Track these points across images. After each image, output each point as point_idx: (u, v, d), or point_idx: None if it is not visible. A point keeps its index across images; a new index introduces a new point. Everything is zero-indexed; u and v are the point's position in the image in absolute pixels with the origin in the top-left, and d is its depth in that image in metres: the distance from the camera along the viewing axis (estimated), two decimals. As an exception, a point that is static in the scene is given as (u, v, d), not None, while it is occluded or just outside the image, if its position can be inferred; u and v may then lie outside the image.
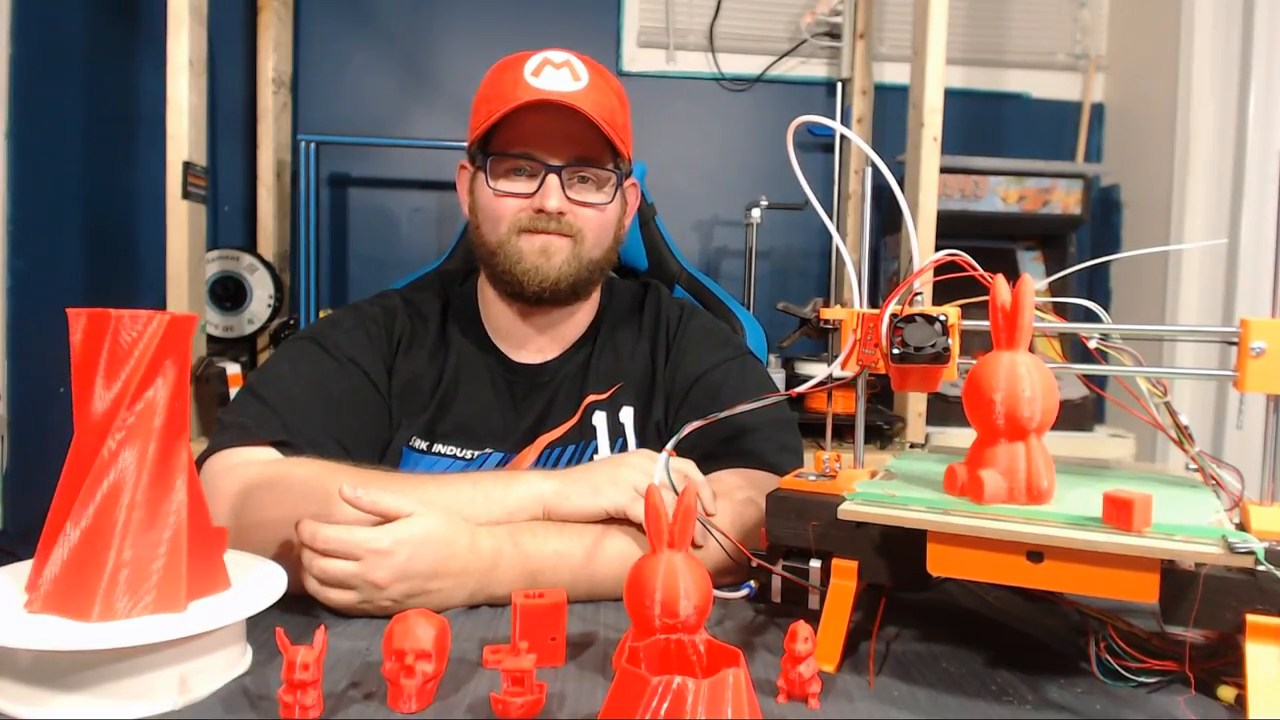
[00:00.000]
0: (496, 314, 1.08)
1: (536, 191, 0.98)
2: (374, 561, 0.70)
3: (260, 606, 0.61)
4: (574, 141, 0.98)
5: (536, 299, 1.01)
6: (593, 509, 0.79)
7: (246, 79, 2.32)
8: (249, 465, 0.84)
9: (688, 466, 0.85)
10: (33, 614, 0.56)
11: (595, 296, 1.11)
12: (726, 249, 2.53)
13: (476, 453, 1.01)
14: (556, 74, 0.97)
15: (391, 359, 1.04)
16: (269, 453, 0.87)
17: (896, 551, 0.66)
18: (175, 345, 0.60)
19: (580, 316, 1.10)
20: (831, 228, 0.77)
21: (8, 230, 1.83)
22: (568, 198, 0.99)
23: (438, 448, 1.01)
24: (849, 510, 0.64)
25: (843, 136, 1.73)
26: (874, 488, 0.68)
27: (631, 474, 0.80)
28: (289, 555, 0.74)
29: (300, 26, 2.39)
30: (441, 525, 0.73)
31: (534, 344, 1.08)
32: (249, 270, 2.19)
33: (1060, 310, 0.72)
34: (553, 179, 0.98)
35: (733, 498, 0.84)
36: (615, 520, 0.80)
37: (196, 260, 1.87)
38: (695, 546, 0.79)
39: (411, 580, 0.71)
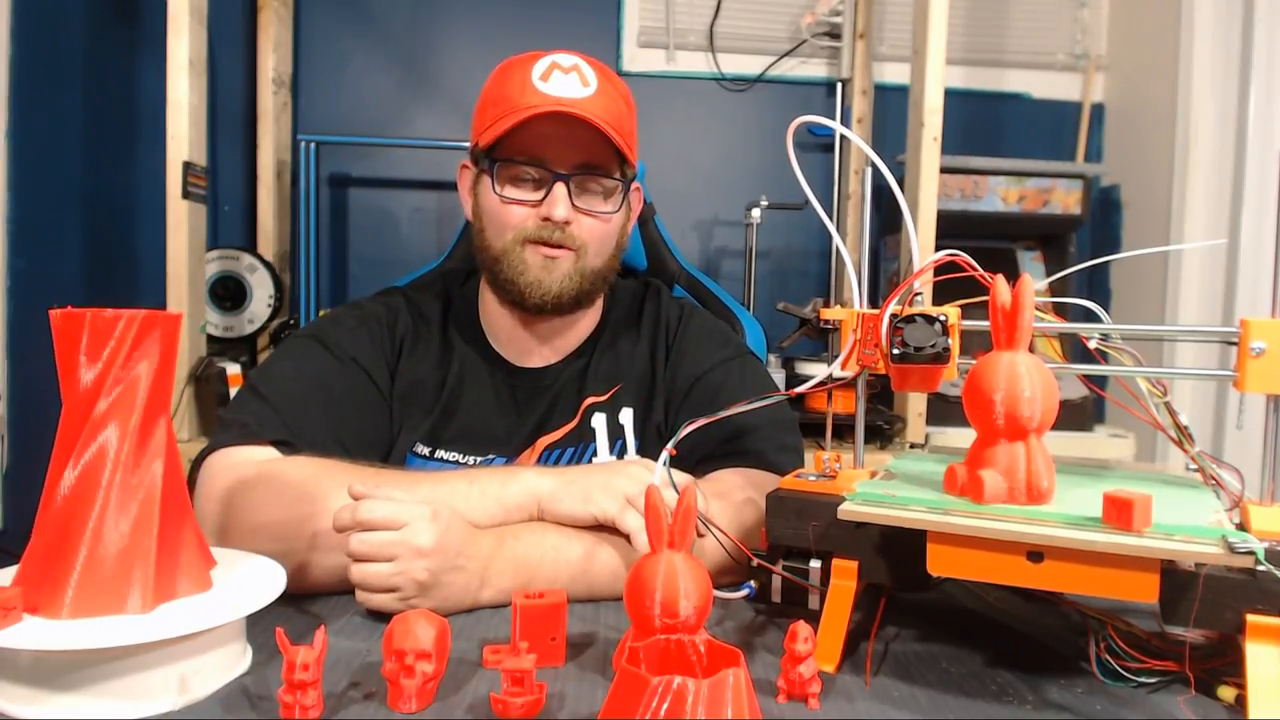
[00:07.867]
0: (497, 319, 1.07)
1: (543, 200, 0.97)
2: (419, 527, 0.70)
3: (260, 605, 0.61)
4: (582, 149, 0.96)
5: (538, 310, 1.01)
6: (581, 515, 0.79)
7: (246, 79, 2.32)
8: (247, 465, 0.84)
9: (687, 479, 0.84)
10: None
11: (599, 303, 1.10)
12: (726, 249, 2.53)
13: (479, 458, 1.01)
14: (565, 79, 0.95)
15: (394, 359, 1.03)
16: (269, 452, 0.87)
17: (896, 551, 0.66)
18: (157, 342, 0.60)
19: (584, 324, 1.09)
20: (831, 228, 0.77)
21: (8, 230, 1.83)
22: (574, 206, 0.97)
23: (440, 453, 1.01)
24: (849, 510, 0.64)
25: (843, 137, 1.73)
26: (874, 488, 0.68)
27: (625, 483, 0.80)
28: (289, 556, 0.73)
29: (300, 26, 2.39)
30: (457, 513, 0.75)
31: (537, 352, 1.07)
32: (249, 270, 2.19)
33: (1060, 310, 0.72)
34: (560, 188, 0.96)
35: (732, 498, 0.84)
36: (605, 529, 0.80)
37: (196, 260, 1.86)
38: (697, 535, 0.79)
39: (446, 554, 0.72)
